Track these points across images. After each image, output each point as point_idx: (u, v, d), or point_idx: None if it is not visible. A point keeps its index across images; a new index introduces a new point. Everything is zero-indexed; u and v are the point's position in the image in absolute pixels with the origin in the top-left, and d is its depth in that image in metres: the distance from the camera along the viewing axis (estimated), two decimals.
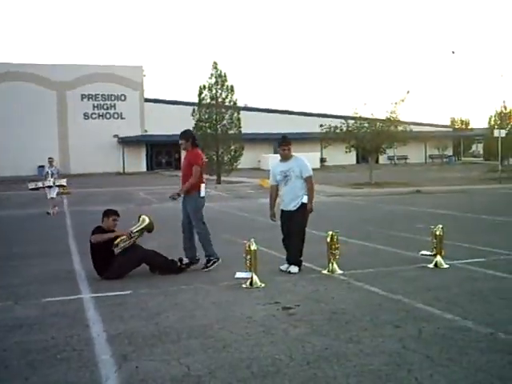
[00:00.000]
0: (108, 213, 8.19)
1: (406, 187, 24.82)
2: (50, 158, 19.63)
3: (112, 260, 7.74)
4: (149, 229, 8.29)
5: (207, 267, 8.24)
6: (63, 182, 19.15)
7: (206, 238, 8.33)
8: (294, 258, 8.00)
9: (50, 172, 18.85)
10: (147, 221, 8.30)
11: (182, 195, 8.47)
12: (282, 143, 8.20)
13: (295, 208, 8.03)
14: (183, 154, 9.23)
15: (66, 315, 6.10)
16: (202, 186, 8.43)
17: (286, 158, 8.22)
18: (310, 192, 8.08)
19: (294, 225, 8.02)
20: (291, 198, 8.07)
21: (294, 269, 7.91)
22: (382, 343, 4.93)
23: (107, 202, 21.62)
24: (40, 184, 18.86)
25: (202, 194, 8.41)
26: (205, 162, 8.99)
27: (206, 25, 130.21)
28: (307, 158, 8.55)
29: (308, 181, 8.06)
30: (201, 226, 8.33)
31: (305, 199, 8.02)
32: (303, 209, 8.02)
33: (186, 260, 8.31)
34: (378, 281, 7.30)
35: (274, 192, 8.39)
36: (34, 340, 5.29)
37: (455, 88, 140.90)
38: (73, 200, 22.93)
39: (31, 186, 19.13)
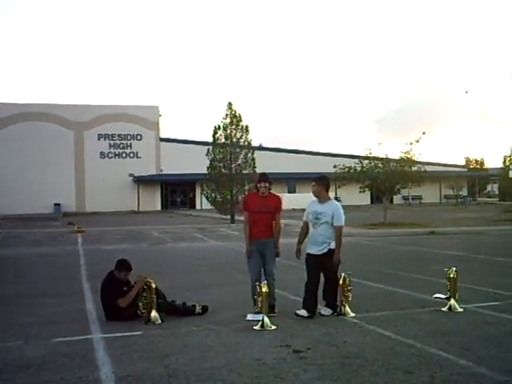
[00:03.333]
0: (122, 268, 7.97)
1: (420, 228, 24.65)
2: None
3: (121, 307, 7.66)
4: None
5: (274, 313, 7.83)
6: None
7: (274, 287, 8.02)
8: (330, 301, 7.81)
9: None
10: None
11: (263, 240, 8.00)
12: (312, 181, 7.98)
13: (321, 253, 7.71)
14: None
15: (75, 355, 6.07)
16: None
17: (320, 198, 7.89)
18: (337, 242, 7.69)
19: (326, 270, 7.76)
20: (316, 242, 7.77)
21: (325, 311, 7.78)
22: None
23: (121, 240, 21.72)
24: None
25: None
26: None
27: (221, 65, 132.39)
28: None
29: (337, 230, 7.70)
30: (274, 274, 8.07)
31: (332, 245, 7.69)
32: (331, 253, 7.69)
33: (198, 309, 8.01)
34: (391, 324, 7.21)
35: (304, 229, 8.05)
36: (42, 381, 5.27)
37: (469, 128, 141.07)
38: (87, 238, 23.03)
39: None
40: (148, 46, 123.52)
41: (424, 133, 28.96)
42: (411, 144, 28.34)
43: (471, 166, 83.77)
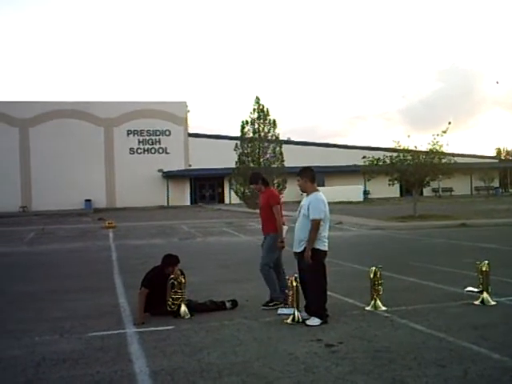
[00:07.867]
0: (164, 262, 7.85)
1: (450, 220, 24.33)
2: None
3: (159, 300, 7.70)
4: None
5: (268, 306, 7.96)
6: None
7: (269, 280, 8.10)
8: (312, 308, 7.13)
9: None
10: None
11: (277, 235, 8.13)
12: (297, 175, 7.53)
13: (299, 251, 7.21)
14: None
15: (110, 350, 6.19)
16: (285, 227, 8.17)
17: (305, 191, 7.46)
18: (310, 237, 7.01)
19: (306, 270, 7.15)
20: (296, 238, 7.29)
21: (311, 321, 6.99)
22: None
23: (152, 235, 21.94)
24: None
25: (284, 234, 8.17)
26: (282, 200, 8.59)
27: (249, 59, 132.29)
28: (351, 190, 8.08)
29: (311, 224, 7.03)
30: (265, 268, 8.06)
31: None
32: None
33: (228, 304, 8.07)
34: (423, 318, 7.17)
35: None
36: (79, 374, 5.38)
37: (500, 118, 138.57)
38: (118, 234, 23.31)
39: None
40: (176, 42, 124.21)
41: (450, 123, 28.46)
42: (438, 135, 27.94)
43: (503, 157, 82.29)
